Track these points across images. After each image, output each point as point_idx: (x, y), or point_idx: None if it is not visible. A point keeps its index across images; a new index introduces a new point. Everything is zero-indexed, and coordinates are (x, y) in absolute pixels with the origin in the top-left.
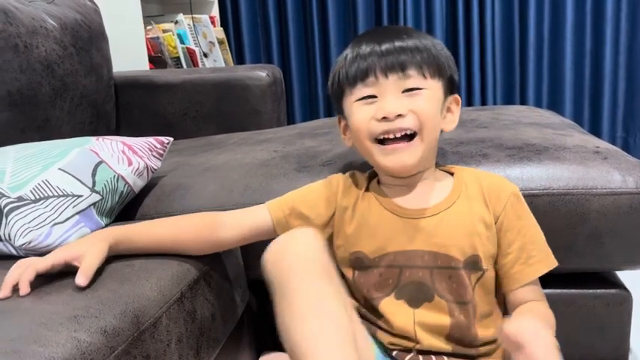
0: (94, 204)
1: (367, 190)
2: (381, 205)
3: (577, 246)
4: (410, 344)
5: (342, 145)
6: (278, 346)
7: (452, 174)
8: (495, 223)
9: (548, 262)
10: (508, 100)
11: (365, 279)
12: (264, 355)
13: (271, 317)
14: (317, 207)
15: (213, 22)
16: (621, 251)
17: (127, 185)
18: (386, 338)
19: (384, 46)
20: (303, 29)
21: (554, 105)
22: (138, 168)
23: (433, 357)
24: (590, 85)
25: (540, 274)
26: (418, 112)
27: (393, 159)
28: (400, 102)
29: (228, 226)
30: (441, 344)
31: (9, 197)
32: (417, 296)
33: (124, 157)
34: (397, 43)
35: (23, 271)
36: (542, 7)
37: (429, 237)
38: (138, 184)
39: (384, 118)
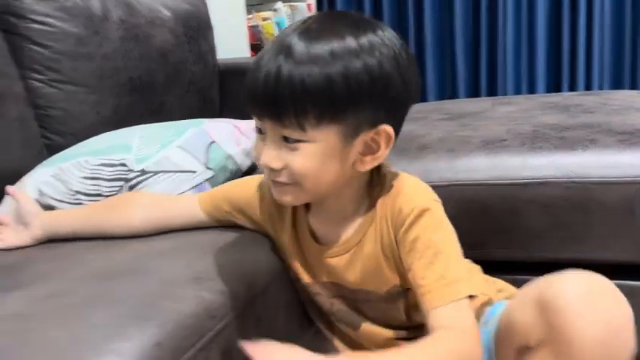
0: (208, 179)
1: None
2: (304, 228)
3: None
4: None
5: None
6: None
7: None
8: (395, 242)
9: (444, 294)
10: (616, 86)
11: (308, 291)
12: None
13: None
14: (253, 207)
15: (310, 10)
16: None
17: (235, 164)
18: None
19: (261, 84)
20: (398, 14)
21: None
22: (245, 148)
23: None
24: None
25: (434, 307)
26: (293, 170)
27: (276, 195)
28: (277, 153)
29: (143, 205)
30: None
31: (134, 170)
32: (353, 321)
33: (234, 137)
34: (272, 82)
35: None
36: None
37: (343, 275)
38: (245, 163)
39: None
